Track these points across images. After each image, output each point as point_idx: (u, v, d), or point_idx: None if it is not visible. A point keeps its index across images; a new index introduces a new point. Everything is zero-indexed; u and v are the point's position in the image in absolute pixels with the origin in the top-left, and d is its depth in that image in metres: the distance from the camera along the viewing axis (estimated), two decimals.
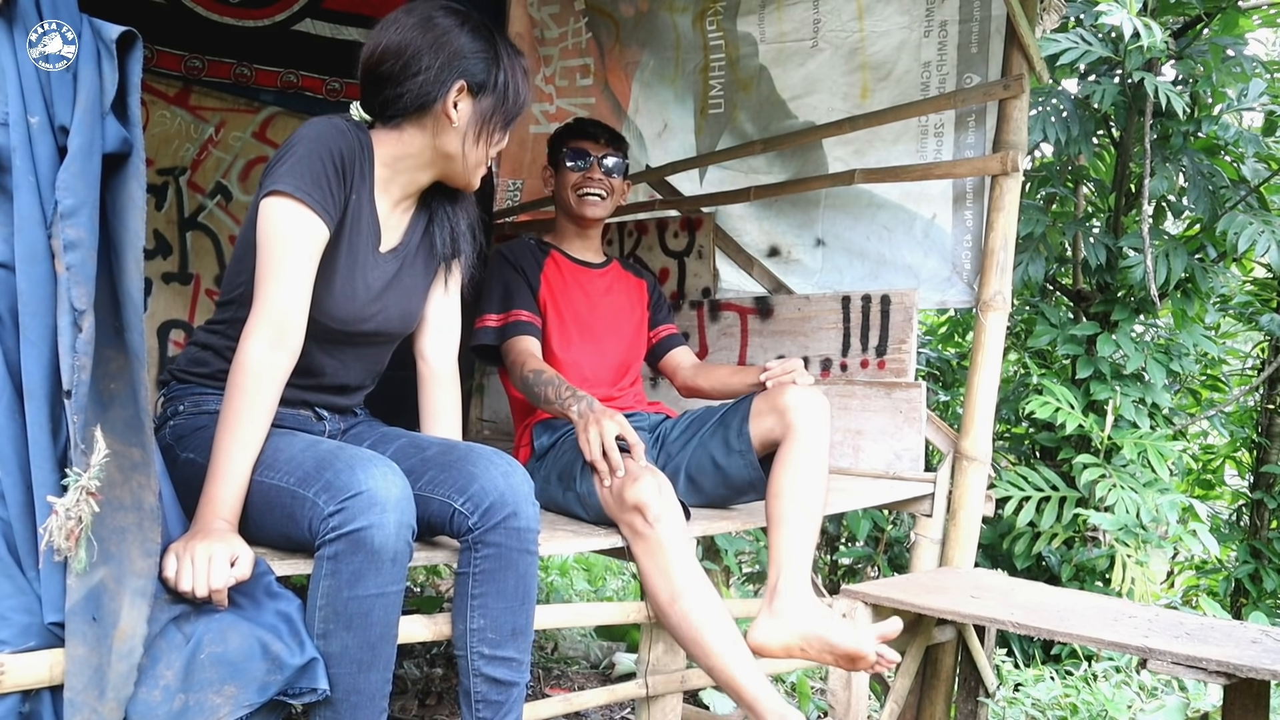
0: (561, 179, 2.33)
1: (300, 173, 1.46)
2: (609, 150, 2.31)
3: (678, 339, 2.48)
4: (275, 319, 1.44)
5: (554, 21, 3.48)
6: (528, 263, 2.30)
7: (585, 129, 2.34)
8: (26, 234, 1.12)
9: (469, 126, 1.59)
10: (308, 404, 1.67)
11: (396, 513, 1.33)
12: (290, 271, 1.45)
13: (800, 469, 1.90)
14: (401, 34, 1.56)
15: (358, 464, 1.36)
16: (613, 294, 2.40)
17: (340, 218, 1.55)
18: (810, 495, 1.88)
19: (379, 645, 1.36)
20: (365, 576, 1.32)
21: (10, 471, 1.12)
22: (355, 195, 1.57)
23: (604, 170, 2.30)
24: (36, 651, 1.13)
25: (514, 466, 1.54)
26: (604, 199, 2.30)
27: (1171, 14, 3.17)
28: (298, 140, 1.49)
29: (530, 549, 1.53)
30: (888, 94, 2.64)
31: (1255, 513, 3.67)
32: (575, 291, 2.34)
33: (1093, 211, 3.67)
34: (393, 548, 1.33)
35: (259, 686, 1.25)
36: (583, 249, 2.40)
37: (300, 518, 1.36)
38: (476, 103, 1.59)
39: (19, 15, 1.14)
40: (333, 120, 1.54)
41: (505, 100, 1.61)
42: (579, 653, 3.14)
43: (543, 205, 3.51)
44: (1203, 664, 1.58)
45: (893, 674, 2.35)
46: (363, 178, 1.58)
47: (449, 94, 1.56)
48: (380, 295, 1.64)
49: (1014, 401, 3.56)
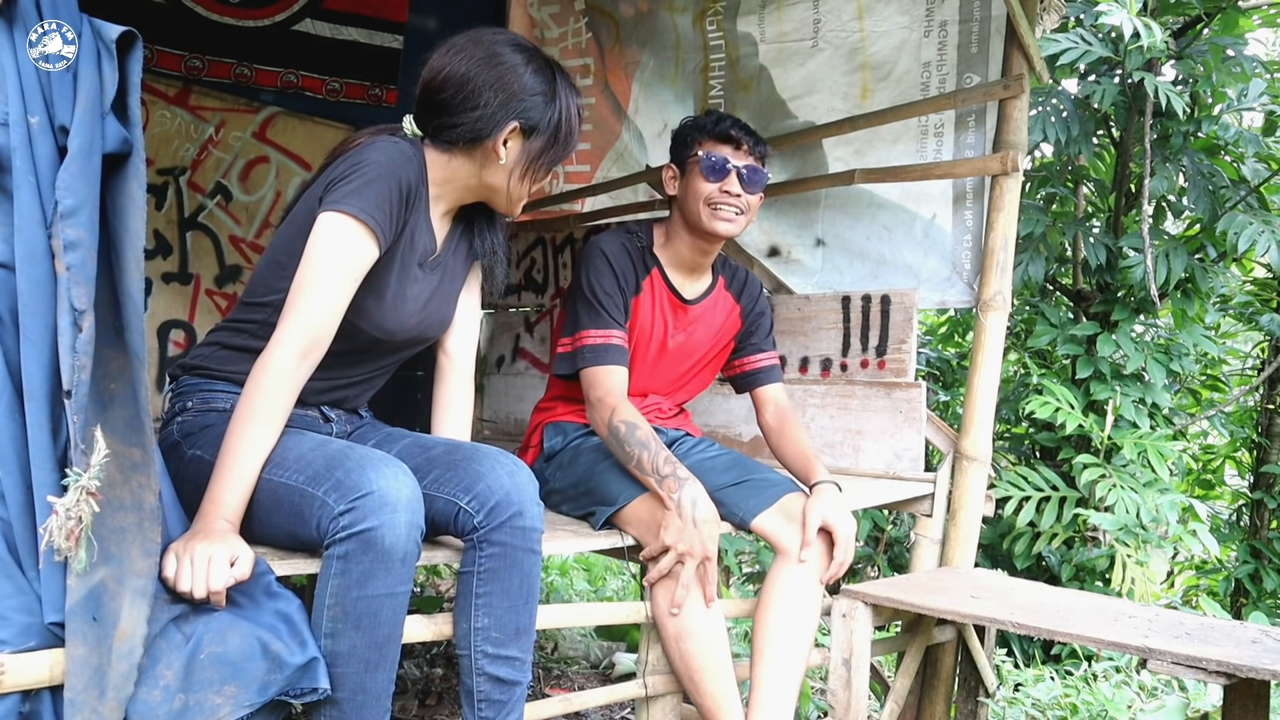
0: (691, 186, 2.03)
1: (368, 196, 1.47)
2: (752, 159, 2.03)
3: (765, 375, 2.20)
4: (309, 332, 1.44)
5: (554, 21, 3.48)
6: (629, 274, 2.05)
7: (727, 131, 2.02)
8: (26, 234, 1.12)
9: (516, 165, 1.61)
10: (318, 404, 1.68)
11: (407, 513, 1.34)
12: (334, 289, 1.46)
13: (793, 591, 1.86)
14: (467, 65, 1.56)
15: (368, 464, 1.36)
16: (697, 329, 2.17)
17: (396, 239, 1.57)
18: (801, 624, 1.84)
19: (386, 645, 1.36)
20: (375, 576, 1.32)
21: (10, 471, 1.12)
22: (414, 216, 1.60)
23: (744, 183, 2.01)
24: (36, 651, 1.13)
25: (519, 466, 1.55)
26: (739, 215, 2.02)
27: (1171, 14, 3.16)
28: (367, 163, 1.49)
29: (535, 548, 1.54)
30: (888, 94, 2.64)
31: (1255, 513, 3.67)
32: (658, 325, 2.12)
33: (1093, 211, 3.67)
34: (402, 548, 1.34)
35: (259, 686, 1.25)
36: (688, 275, 2.14)
37: (309, 516, 1.36)
38: (527, 143, 1.60)
39: (19, 15, 1.14)
40: (400, 145, 1.55)
41: (555, 142, 1.63)
42: (579, 653, 3.14)
43: (543, 205, 3.51)
44: (1203, 664, 1.58)
45: (893, 673, 2.35)
46: (419, 199, 1.60)
47: (502, 133, 1.57)
48: (425, 305, 1.68)
49: (1014, 401, 3.56)
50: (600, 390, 1.93)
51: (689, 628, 1.79)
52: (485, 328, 3.67)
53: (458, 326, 1.82)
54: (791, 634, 1.84)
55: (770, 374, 2.22)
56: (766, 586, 1.90)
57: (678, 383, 2.23)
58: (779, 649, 1.83)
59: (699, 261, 2.13)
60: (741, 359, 2.24)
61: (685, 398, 2.28)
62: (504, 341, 3.56)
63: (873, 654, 2.05)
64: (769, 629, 1.85)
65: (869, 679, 2.04)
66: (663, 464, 1.79)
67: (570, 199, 3.44)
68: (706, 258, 2.13)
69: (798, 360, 2.69)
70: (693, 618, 1.80)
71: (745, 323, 2.24)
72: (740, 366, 2.24)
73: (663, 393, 2.21)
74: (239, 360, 1.57)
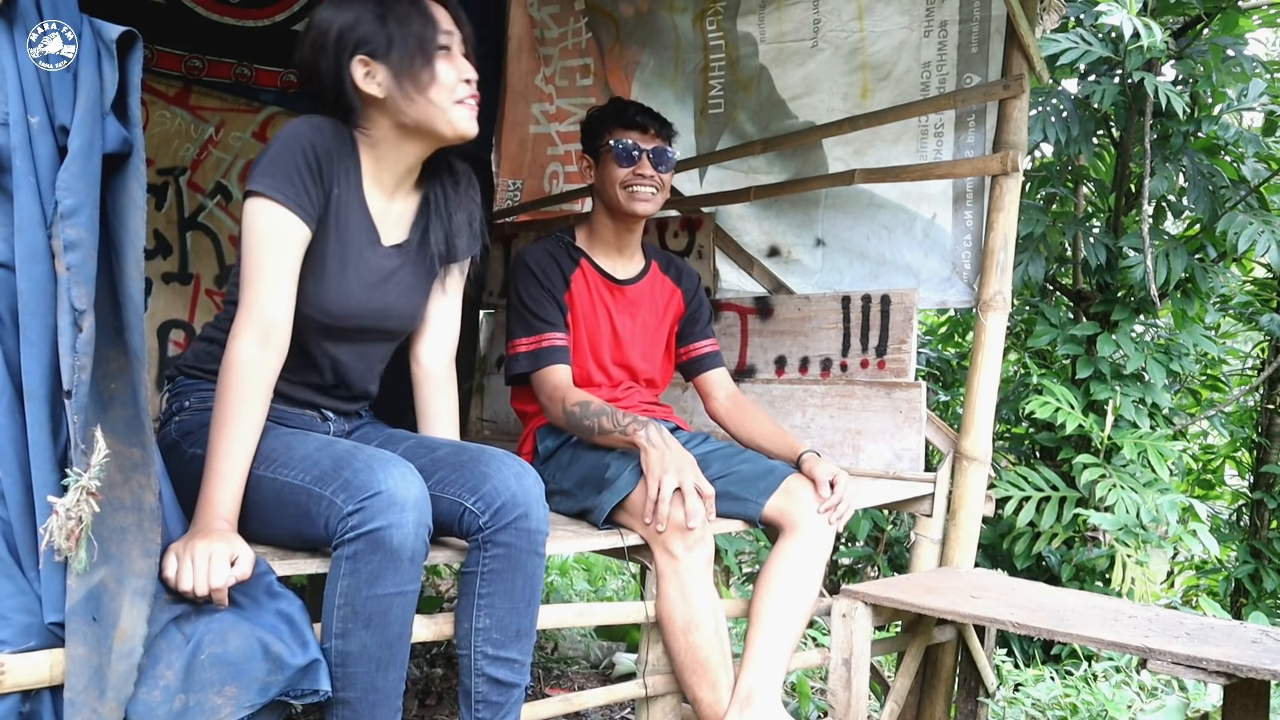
0: (605, 173, 2.13)
1: (273, 172, 1.46)
2: (659, 141, 2.13)
3: (713, 359, 2.32)
4: (260, 318, 1.44)
5: (554, 21, 3.48)
6: (554, 274, 2.13)
7: (632, 118, 2.13)
8: (26, 234, 1.12)
9: (395, 89, 1.53)
10: (313, 404, 1.67)
11: (415, 512, 1.34)
12: (270, 270, 1.45)
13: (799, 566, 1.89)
14: (299, 52, 1.57)
15: (376, 464, 1.36)
16: (640, 310, 2.25)
17: (323, 213, 1.53)
18: (801, 597, 1.88)
19: (396, 644, 1.37)
20: (384, 576, 1.32)
21: (10, 471, 1.12)
22: (339, 189, 1.55)
23: (654, 164, 2.11)
24: (37, 651, 1.13)
25: (526, 469, 1.55)
26: (655, 194, 2.12)
27: (1171, 14, 3.17)
28: (274, 140, 1.49)
29: (539, 551, 1.54)
30: (888, 94, 2.63)
31: (1255, 513, 3.67)
32: (599, 310, 2.20)
33: (1093, 211, 3.67)
34: (411, 547, 1.34)
35: (260, 687, 1.25)
36: (617, 258, 2.23)
37: (316, 516, 1.36)
38: (389, 63, 1.53)
39: (19, 15, 1.14)
40: (310, 118, 1.53)
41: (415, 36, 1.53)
42: (579, 653, 3.14)
43: (543, 205, 3.51)
44: (1203, 664, 1.58)
45: (893, 674, 2.35)
46: (347, 172, 1.57)
47: (356, 77, 1.53)
48: (379, 290, 1.63)
49: (1014, 401, 3.56)
50: (547, 390, 2.03)
51: (698, 620, 1.79)
52: (485, 328, 3.67)
53: (430, 329, 1.77)
54: (792, 602, 1.87)
55: (718, 358, 2.33)
56: (771, 559, 1.92)
57: (646, 364, 2.26)
58: (778, 614, 1.85)
59: (624, 243, 2.23)
60: (688, 345, 2.34)
61: (658, 388, 2.33)
62: (504, 342, 3.55)
63: (873, 654, 2.05)
64: (770, 594, 1.87)
65: (869, 679, 2.04)
66: (622, 417, 1.89)
67: (570, 199, 3.44)
68: (631, 237, 2.24)
69: (798, 360, 2.69)
70: (701, 610, 1.80)
71: (689, 308, 2.33)
72: (688, 353, 2.34)
73: (636, 379, 2.26)
74: None
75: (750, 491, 1.95)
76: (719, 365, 2.33)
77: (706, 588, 1.81)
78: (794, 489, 1.95)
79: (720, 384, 2.31)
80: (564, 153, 3.51)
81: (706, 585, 1.81)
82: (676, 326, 2.33)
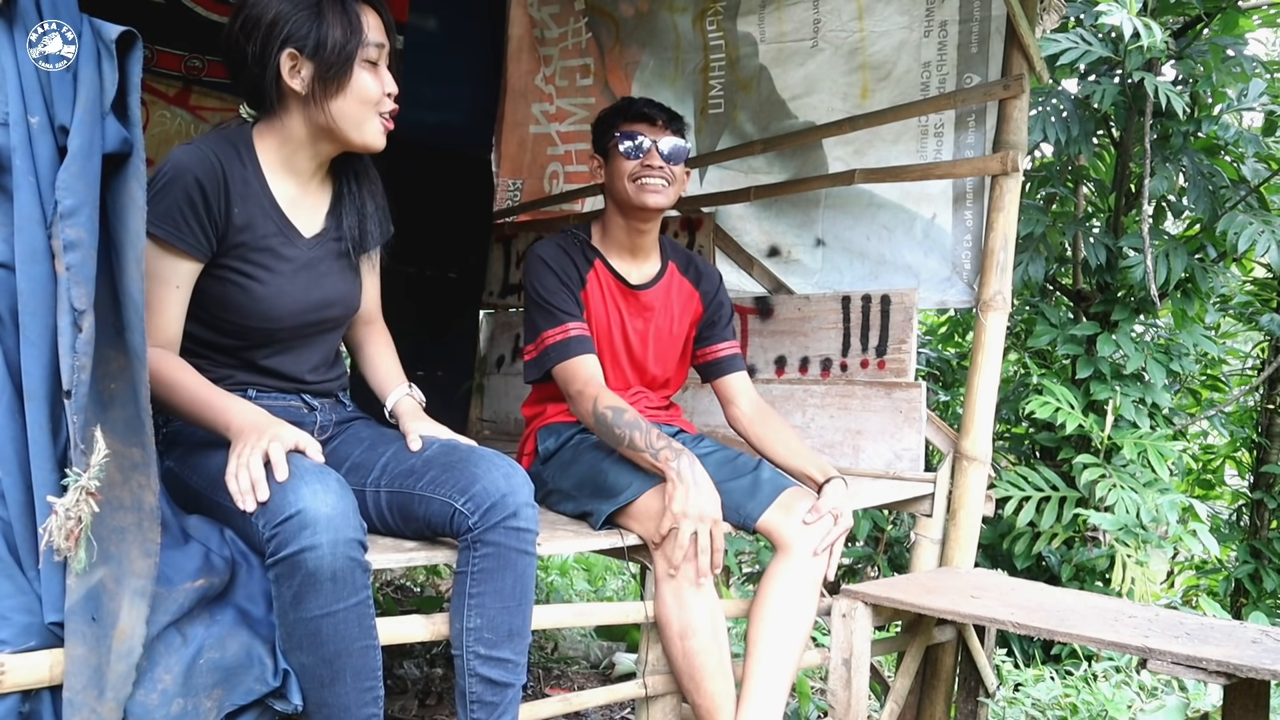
0: (614, 168, 2.06)
1: (159, 212, 1.46)
2: (668, 132, 2.06)
3: (732, 362, 2.21)
4: (162, 341, 1.50)
5: (554, 21, 3.48)
6: (570, 270, 2.07)
7: (639, 109, 2.06)
8: (26, 234, 1.12)
9: (318, 89, 1.53)
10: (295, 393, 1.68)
11: (330, 532, 1.30)
12: (161, 306, 1.50)
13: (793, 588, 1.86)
14: (229, 30, 1.56)
15: (294, 479, 1.34)
16: (655, 314, 2.17)
17: (224, 234, 1.53)
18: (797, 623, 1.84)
19: (337, 661, 1.35)
20: (305, 599, 1.31)
21: (10, 471, 1.12)
22: (238, 206, 1.54)
23: (664, 156, 2.03)
24: (36, 651, 1.13)
25: (515, 469, 1.55)
26: (666, 186, 2.04)
27: (1171, 14, 3.16)
28: (158, 173, 1.49)
29: (529, 550, 1.53)
30: (888, 94, 2.64)
31: (1255, 513, 3.67)
32: (612, 313, 2.13)
33: (1093, 211, 3.67)
34: (330, 568, 1.30)
35: (243, 692, 1.28)
36: (631, 260, 2.15)
37: (251, 535, 1.37)
38: (317, 60, 1.52)
39: (19, 15, 1.14)
40: (190, 146, 1.52)
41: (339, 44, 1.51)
42: (579, 653, 3.14)
43: (543, 205, 3.51)
44: (1203, 664, 1.58)
45: (893, 674, 2.35)
46: (245, 183, 1.56)
47: (282, 69, 1.53)
48: (315, 284, 1.64)
49: (1014, 401, 3.56)
50: (578, 383, 1.95)
51: (694, 625, 1.79)
52: (485, 328, 3.67)
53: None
54: (787, 629, 1.84)
55: (737, 361, 2.23)
56: (765, 581, 1.90)
57: (658, 368, 2.21)
58: (773, 644, 1.83)
59: (638, 243, 2.14)
60: (706, 348, 2.24)
61: (670, 390, 2.27)
62: (504, 341, 3.56)
63: (873, 654, 2.05)
64: (764, 623, 1.84)
65: (869, 679, 2.04)
66: (655, 439, 1.81)
67: (570, 199, 3.44)
68: (645, 237, 2.14)
69: (798, 360, 2.69)
70: (698, 615, 1.79)
71: (707, 310, 2.24)
72: (706, 355, 2.24)
73: (645, 384, 2.21)
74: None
75: (747, 502, 1.92)
76: (739, 369, 2.22)
77: (704, 593, 1.80)
78: (791, 504, 1.90)
79: (741, 389, 2.20)
80: (564, 153, 3.51)
81: (705, 591, 1.81)
82: (694, 329, 2.25)
